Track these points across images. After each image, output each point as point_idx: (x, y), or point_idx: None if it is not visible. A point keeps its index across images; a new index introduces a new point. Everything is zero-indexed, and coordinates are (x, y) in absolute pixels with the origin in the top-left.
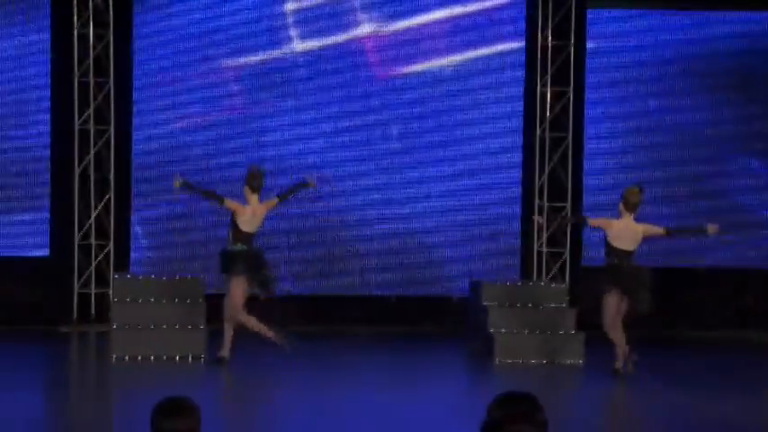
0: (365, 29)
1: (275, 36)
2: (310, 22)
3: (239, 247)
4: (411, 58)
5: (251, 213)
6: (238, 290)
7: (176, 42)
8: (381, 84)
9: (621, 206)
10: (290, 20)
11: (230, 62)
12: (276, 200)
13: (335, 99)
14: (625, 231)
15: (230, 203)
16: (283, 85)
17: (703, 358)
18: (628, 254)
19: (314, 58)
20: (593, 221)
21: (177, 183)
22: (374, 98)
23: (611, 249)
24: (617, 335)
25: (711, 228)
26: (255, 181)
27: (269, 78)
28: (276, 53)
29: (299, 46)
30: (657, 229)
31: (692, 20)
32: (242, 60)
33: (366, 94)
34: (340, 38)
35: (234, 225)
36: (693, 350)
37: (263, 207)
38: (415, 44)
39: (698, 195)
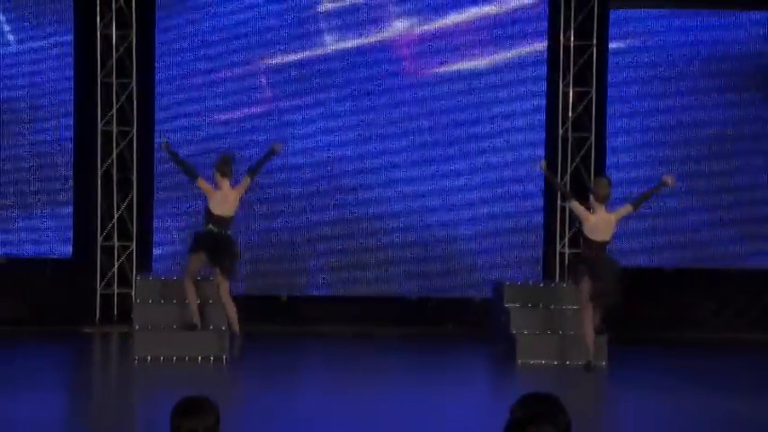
0: (397, 27)
1: (305, 34)
2: (341, 19)
3: (209, 228)
4: (439, 57)
5: (221, 197)
6: (194, 263)
7: (200, 43)
8: (409, 81)
9: (592, 200)
10: (321, 17)
11: (258, 61)
12: (248, 178)
13: (364, 95)
14: (600, 223)
15: (203, 183)
16: (312, 83)
17: (733, 360)
18: (603, 245)
19: (344, 55)
20: (575, 206)
21: (164, 143)
22: (402, 95)
23: (587, 241)
24: (589, 328)
25: (666, 179)
26: (226, 166)
27: (299, 77)
28: (307, 52)
29: (330, 44)
30: (626, 208)
31: (715, 19)
32: (271, 59)
33: (393, 91)
34: (371, 37)
35: (207, 207)
36: (722, 352)
37: (235, 192)
38: (442, 43)
39: (722, 190)
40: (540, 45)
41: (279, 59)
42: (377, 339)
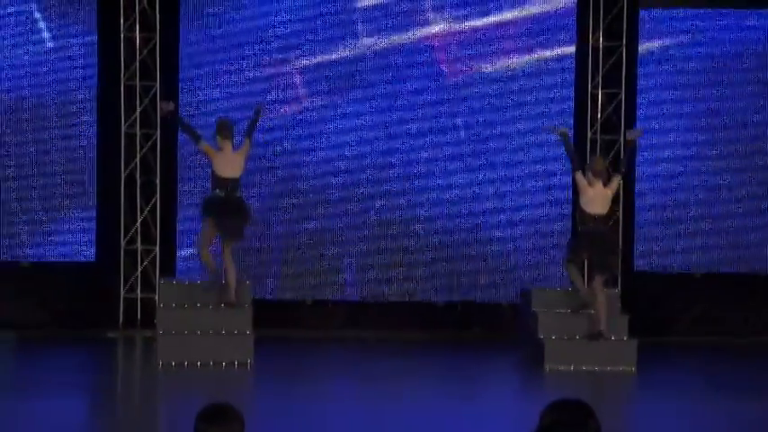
0: (428, 29)
1: (336, 34)
2: (373, 19)
3: (216, 193)
4: (468, 59)
5: (225, 159)
6: (205, 232)
7: (225, 44)
8: (438, 83)
9: (590, 175)
10: (353, 17)
11: (286, 61)
12: (247, 140)
13: (391, 96)
14: (597, 197)
15: (205, 145)
16: (342, 83)
17: (764, 365)
18: (600, 218)
19: (374, 56)
20: (579, 177)
21: (171, 106)
22: (430, 96)
23: (584, 215)
24: (593, 297)
25: (630, 135)
26: (226, 129)
27: (329, 77)
28: (338, 52)
29: (364, 43)
30: (617, 178)
31: (747, 18)
32: (302, 59)
33: (420, 93)
34: (406, 36)
35: (212, 172)
36: (752, 357)
37: (238, 154)
38: (470, 45)
39: (757, 196)
40: (569, 46)
41: (309, 60)
42: (402, 344)
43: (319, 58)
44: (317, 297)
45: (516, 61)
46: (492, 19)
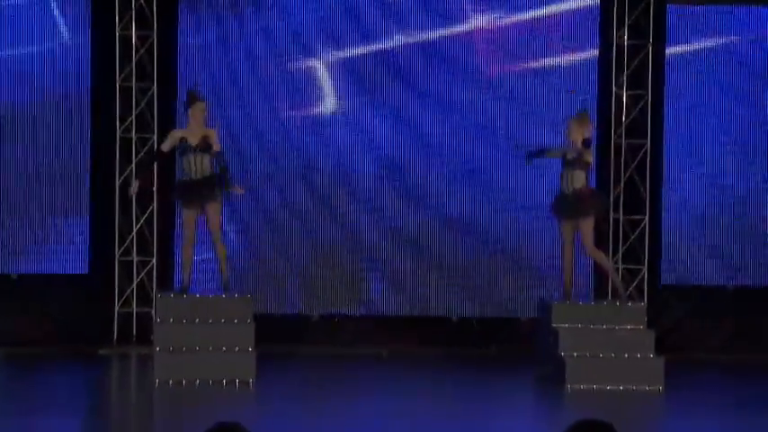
0: (461, 27)
1: (351, 28)
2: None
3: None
4: (493, 59)
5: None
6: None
7: (226, 43)
8: (460, 84)
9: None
10: (389, 12)
11: (302, 60)
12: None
13: (431, 95)
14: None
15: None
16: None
17: None
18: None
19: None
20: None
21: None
22: (452, 95)
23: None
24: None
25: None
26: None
27: (355, 74)
28: (361, 48)
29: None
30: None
31: None
32: (321, 58)
33: (441, 92)
34: (440, 32)
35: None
36: None
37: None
38: (505, 42)
39: None
40: (591, 45)
41: (334, 56)
42: (415, 361)
43: (340, 54)
44: (323, 311)
45: (535, 63)
46: (514, 18)
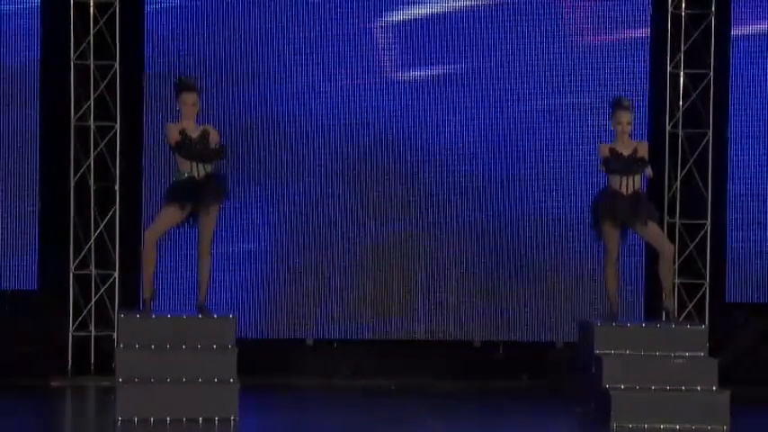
0: None
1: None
2: None
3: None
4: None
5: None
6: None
7: (199, 13)
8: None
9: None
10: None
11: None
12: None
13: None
14: None
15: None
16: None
17: None
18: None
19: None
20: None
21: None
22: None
23: None
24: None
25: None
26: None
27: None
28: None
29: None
30: None
31: None
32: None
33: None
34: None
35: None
36: None
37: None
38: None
39: None
40: (642, 17)
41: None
42: (429, 394)
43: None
44: (319, 335)
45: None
46: None
